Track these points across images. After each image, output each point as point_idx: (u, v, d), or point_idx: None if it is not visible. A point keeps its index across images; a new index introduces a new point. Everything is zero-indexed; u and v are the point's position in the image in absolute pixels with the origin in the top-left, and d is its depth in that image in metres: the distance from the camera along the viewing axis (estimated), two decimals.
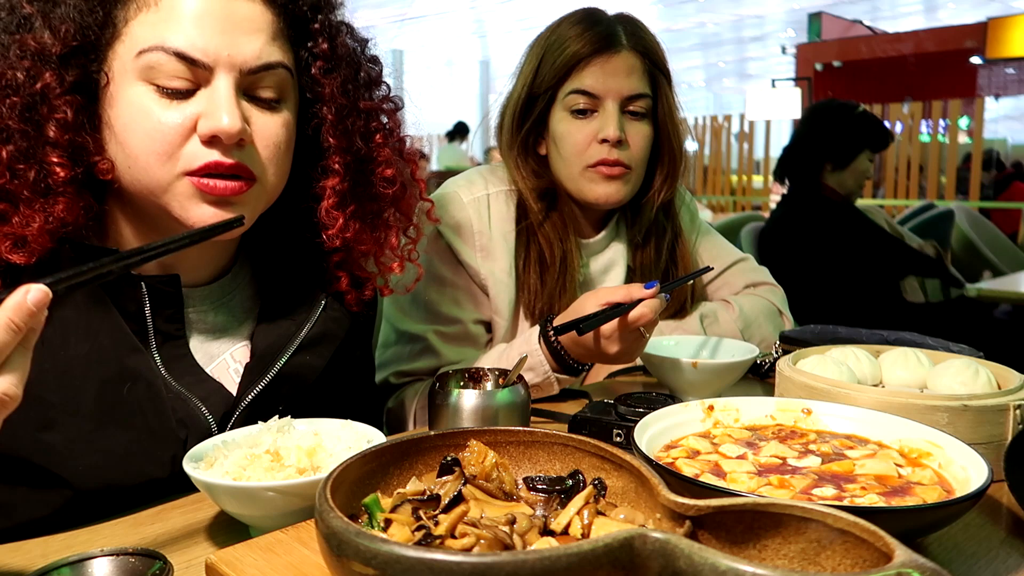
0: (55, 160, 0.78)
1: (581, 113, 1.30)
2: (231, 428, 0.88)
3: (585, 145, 1.30)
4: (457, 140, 11.03)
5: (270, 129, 0.85)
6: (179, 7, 0.79)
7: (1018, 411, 0.84)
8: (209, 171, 0.81)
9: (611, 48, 1.29)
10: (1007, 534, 0.74)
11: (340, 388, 1.00)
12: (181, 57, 0.79)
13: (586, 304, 1.10)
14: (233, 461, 0.74)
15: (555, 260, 1.32)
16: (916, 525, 0.63)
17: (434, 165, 10.34)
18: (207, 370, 0.91)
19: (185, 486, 0.79)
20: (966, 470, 0.69)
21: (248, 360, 0.93)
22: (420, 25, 14.00)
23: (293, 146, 0.90)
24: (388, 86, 1.00)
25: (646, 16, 1.38)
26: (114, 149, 0.82)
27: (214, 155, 0.81)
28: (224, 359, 0.94)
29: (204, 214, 0.83)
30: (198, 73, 0.80)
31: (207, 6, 0.80)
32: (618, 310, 1.05)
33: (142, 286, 0.87)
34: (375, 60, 0.99)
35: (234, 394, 0.91)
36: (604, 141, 1.29)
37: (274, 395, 0.91)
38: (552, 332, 1.13)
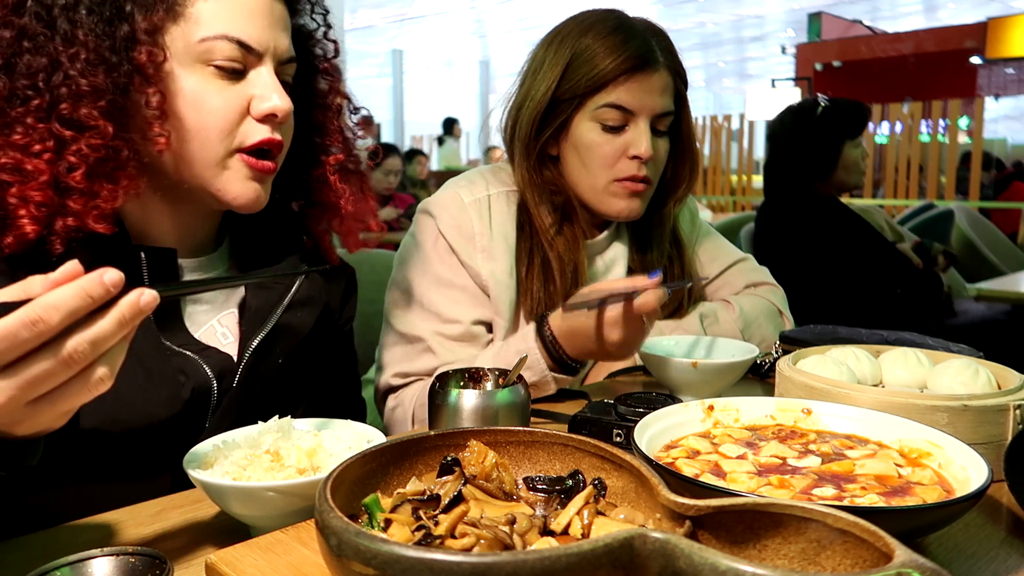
0: (157, 130, 0.85)
1: (612, 128, 1.29)
2: (236, 382, 0.94)
3: (614, 159, 1.30)
4: (449, 138, 11.02)
5: (292, 110, 0.96)
6: (240, 1, 0.89)
7: (1018, 411, 0.84)
8: (263, 147, 0.92)
9: (649, 66, 1.27)
10: (1007, 534, 0.74)
11: (328, 357, 1.10)
12: (241, 45, 0.89)
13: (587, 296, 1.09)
14: (233, 461, 0.74)
15: (564, 271, 1.32)
16: (916, 525, 0.63)
17: (434, 165, 10.35)
18: (196, 336, 0.97)
19: (184, 486, 0.79)
20: (966, 470, 0.69)
21: (239, 321, 1.01)
22: (420, 25, 14.01)
23: None
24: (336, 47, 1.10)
25: (646, 16, 1.37)
26: (171, 124, 0.87)
27: (267, 132, 0.92)
28: (211, 325, 1.00)
29: (248, 190, 0.92)
30: (249, 59, 0.90)
31: (259, 3, 0.91)
32: (623, 295, 1.05)
33: (141, 255, 0.91)
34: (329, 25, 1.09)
35: (230, 355, 0.97)
36: (634, 157, 1.29)
37: (272, 347, 0.98)
38: (548, 328, 1.13)
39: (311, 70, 1.04)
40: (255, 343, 0.97)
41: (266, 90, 0.90)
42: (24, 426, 0.61)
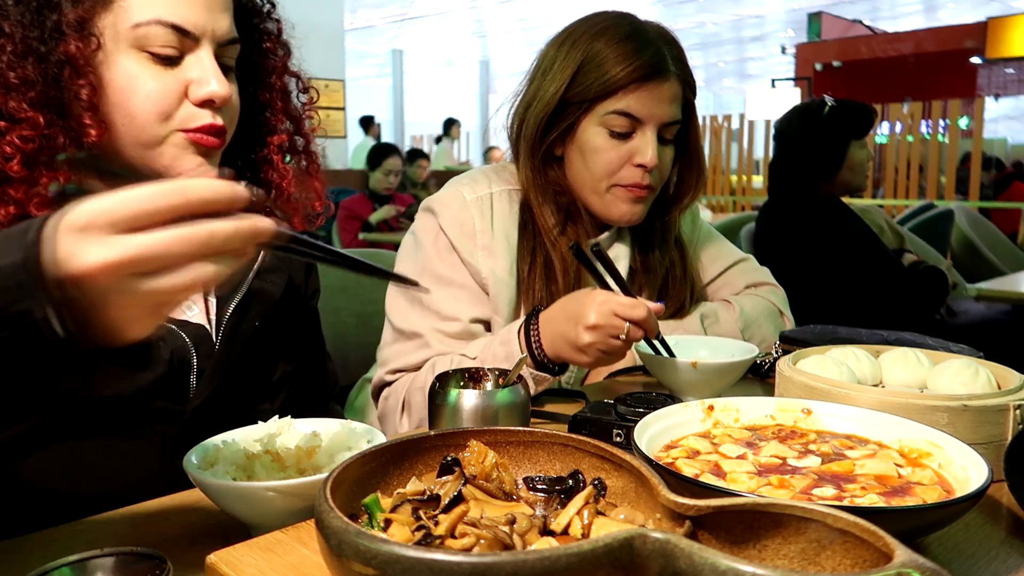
0: (88, 122, 0.84)
1: (619, 135, 1.29)
2: (217, 345, 0.97)
3: (618, 166, 1.30)
4: (446, 138, 11.00)
5: (233, 94, 0.96)
6: None
7: (1018, 411, 0.84)
8: (203, 131, 0.91)
9: (660, 75, 1.27)
10: (1007, 534, 0.74)
11: (297, 328, 1.13)
12: (176, 29, 0.87)
13: (586, 306, 1.08)
14: (233, 461, 0.74)
15: (567, 271, 1.32)
16: (916, 525, 0.63)
17: (433, 165, 10.34)
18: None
19: (184, 486, 0.79)
20: (966, 470, 0.69)
21: (203, 293, 1.01)
22: (420, 25, 14.01)
23: None
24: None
25: (646, 16, 1.37)
26: (106, 111, 0.87)
27: (207, 117, 0.91)
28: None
29: (193, 163, 0.91)
30: (185, 43, 0.89)
31: None
32: (623, 285, 1.11)
33: None
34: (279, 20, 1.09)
35: (202, 324, 0.98)
36: (639, 165, 1.29)
37: (247, 310, 1.01)
38: (534, 325, 1.14)
39: (255, 49, 1.03)
40: (232, 306, 0.99)
41: (204, 74, 0.89)
42: (138, 328, 0.59)
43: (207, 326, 0.99)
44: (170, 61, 0.88)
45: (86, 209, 0.54)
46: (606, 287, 1.13)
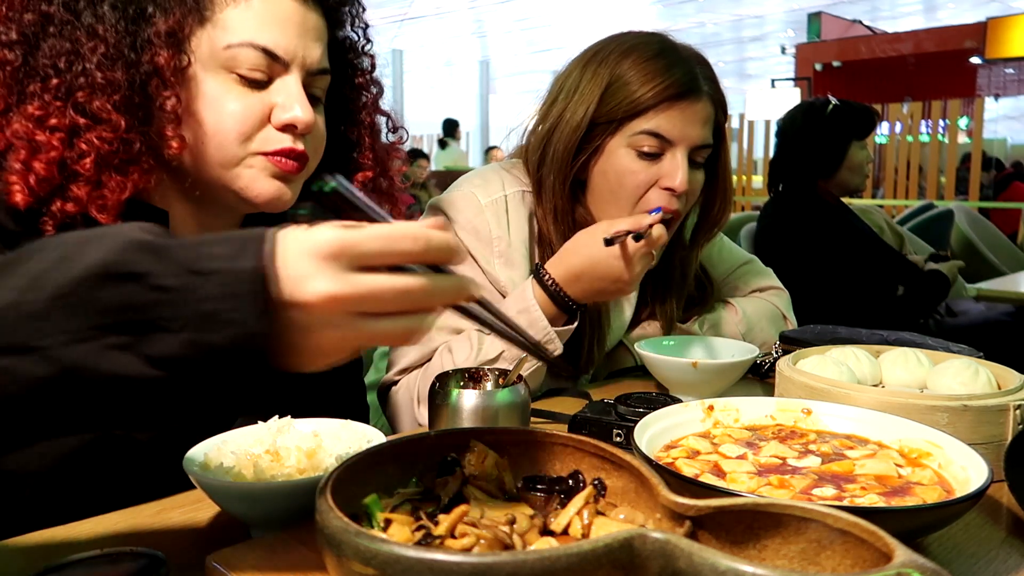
0: (169, 134, 0.84)
1: (648, 156, 1.22)
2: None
3: (645, 188, 1.23)
4: (451, 141, 10.99)
5: (319, 124, 0.95)
6: (270, 9, 0.89)
7: (1018, 411, 0.84)
8: (283, 155, 0.91)
9: (692, 94, 1.21)
10: (1007, 534, 0.74)
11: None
12: (267, 53, 0.88)
13: (584, 239, 1.13)
14: (233, 461, 0.74)
15: None
16: (916, 525, 0.63)
17: (433, 166, 10.34)
18: None
19: (184, 486, 0.79)
20: (966, 470, 0.69)
21: None
22: (420, 25, 14.00)
23: None
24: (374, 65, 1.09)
25: (646, 16, 1.37)
26: (189, 125, 0.87)
27: (287, 141, 0.90)
28: None
29: (269, 187, 0.91)
30: (275, 68, 0.89)
31: (290, 12, 0.90)
32: (638, 233, 1.11)
33: None
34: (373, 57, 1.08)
35: None
36: (667, 188, 1.22)
37: None
38: (548, 276, 1.15)
39: (348, 84, 1.03)
40: None
41: (289, 100, 0.89)
42: (325, 344, 0.58)
43: None
44: (257, 84, 0.89)
45: (327, 238, 0.54)
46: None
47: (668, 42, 1.27)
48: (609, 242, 1.12)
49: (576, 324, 1.18)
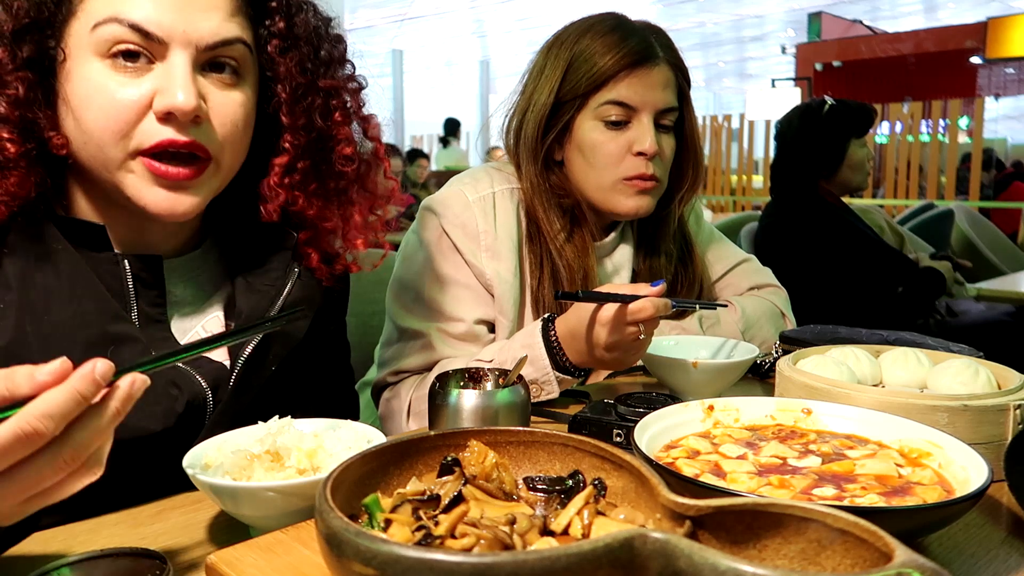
0: (5, 136, 0.78)
1: (615, 124, 1.29)
2: (228, 393, 0.89)
3: (620, 157, 1.30)
4: (453, 140, 10.99)
5: (228, 107, 0.84)
6: None
7: (1018, 411, 0.84)
8: (163, 149, 0.81)
9: (649, 60, 1.28)
10: (1007, 534, 0.74)
11: (320, 358, 1.04)
12: (136, 29, 0.78)
13: (598, 333, 1.07)
14: (233, 461, 0.74)
15: (575, 278, 1.32)
16: (916, 525, 0.63)
17: (433, 165, 10.34)
18: (182, 343, 0.92)
19: (184, 486, 0.79)
20: (966, 470, 0.69)
21: (225, 325, 0.95)
22: (420, 25, 14.00)
23: (252, 124, 0.90)
24: (352, 65, 1.00)
25: (646, 16, 1.37)
26: (70, 125, 0.82)
27: (168, 133, 0.80)
28: (197, 331, 0.95)
29: (157, 197, 0.83)
30: (154, 47, 0.79)
31: None
32: (621, 296, 1.05)
33: (124, 263, 0.88)
34: (338, 39, 0.98)
35: (222, 363, 0.91)
36: (640, 154, 1.28)
37: (265, 355, 0.92)
38: (553, 332, 1.13)
39: (263, 53, 0.91)
40: (248, 351, 0.90)
41: (167, 84, 0.78)
42: (15, 518, 0.59)
43: (227, 364, 0.92)
44: (135, 70, 0.79)
45: None
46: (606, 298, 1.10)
47: (623, 17, 1.34)
48: (557, 295, 1.12)
49: (575, 378, 1.16)
